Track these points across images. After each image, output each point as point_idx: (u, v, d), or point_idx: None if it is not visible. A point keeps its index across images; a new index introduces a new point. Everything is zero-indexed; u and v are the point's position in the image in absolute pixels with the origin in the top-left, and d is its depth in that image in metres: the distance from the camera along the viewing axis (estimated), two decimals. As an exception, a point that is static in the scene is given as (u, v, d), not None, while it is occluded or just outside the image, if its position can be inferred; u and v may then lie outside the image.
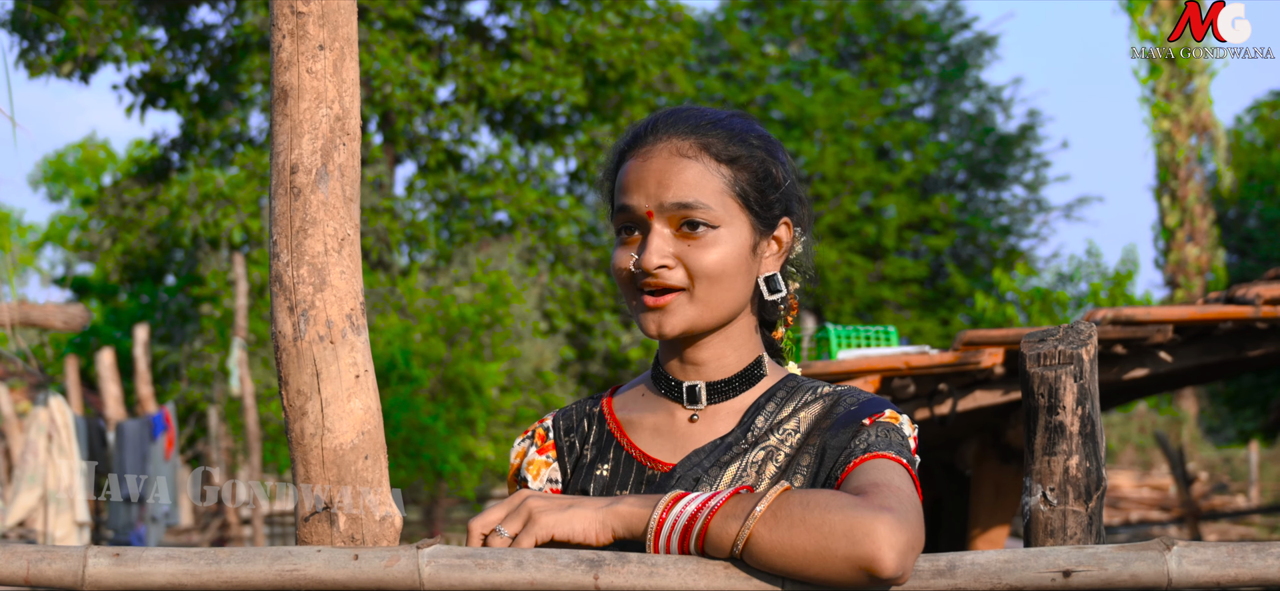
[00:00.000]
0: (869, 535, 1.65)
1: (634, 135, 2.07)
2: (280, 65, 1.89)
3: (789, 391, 2.04)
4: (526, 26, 24.07)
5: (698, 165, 1.99)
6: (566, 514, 1.81)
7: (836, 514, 1.68)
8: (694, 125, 2.03)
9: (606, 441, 2.10)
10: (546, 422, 2.17)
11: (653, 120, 2.06)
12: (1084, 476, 1.84)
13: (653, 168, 2.00)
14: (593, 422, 2.14)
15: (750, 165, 2.02)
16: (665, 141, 2.02)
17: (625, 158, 2.06)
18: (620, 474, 2.06)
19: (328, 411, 1.85)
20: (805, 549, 1.69)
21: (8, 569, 1.80)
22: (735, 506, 1.74)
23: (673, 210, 1.98)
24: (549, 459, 2.13)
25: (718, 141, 2.01)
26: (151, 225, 22.92)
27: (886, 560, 1.65)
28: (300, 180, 1.87)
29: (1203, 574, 1.75)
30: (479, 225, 23.83)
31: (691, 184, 1.98)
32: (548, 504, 1.83)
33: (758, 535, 1.71)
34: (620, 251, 2.03)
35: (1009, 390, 4.86)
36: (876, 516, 1.67)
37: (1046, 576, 1.72)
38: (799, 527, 1.69)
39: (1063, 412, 1.84)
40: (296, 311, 1.85)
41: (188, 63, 24.65)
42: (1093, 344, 1.85)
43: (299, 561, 1.77)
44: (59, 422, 9.49)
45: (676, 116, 2.05)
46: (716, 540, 1.74)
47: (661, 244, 1.98)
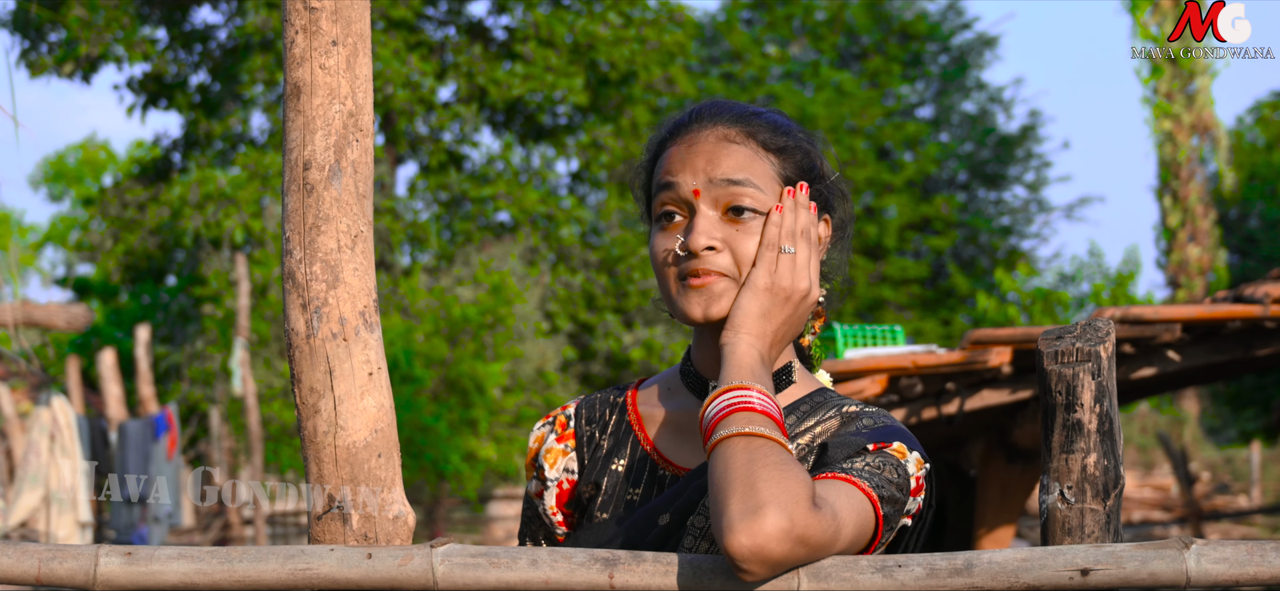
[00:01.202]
0: (753, 513, 1.64)
1: (675, 124, 2.03)
2: (293, 61, 1.88)
3: (814, 405, 1.99)
4: (528, 27, 24.06)
5: (746, 150, 1.96)
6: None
7: (767, 485, 1.66)
8: (739, 114, 1.99)
9: (625, 434, 2.08)
10: (569, 410, 2.14)
11: (696, 109, 2.02)
12: (1102, 474, 1.83)
13: (701, 149, 1.96)
14: (614, 413, 2.11)
15: (795, 155, 1.99)
16: (711, 128, 1.98)
17: (666, 146, 2.02)
18: (634, 471, 2.04)
19: (341, 409, 1.85)
20: (724, 480, 1.69)
21: (20, 568, 1.79)
22: (742, 417, 1.76)
23: (722, 187, 1.93)
24: (567, 448, 2.11)
25: (764, 130, 1.98)
26: (153, 225, 22.91)
27: (736, 542, 1.63)
28: (313, 176, 1.86)
29: (1222, 572, 1.74)
30: (481, 225, 23.83)
31: (741, 164, 1.94)
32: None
33: (722, 446, 1.73)
34: (661, 236, 1.97)
35: (1016, 389, 4.85)
36: (778, 511, 1.64)
37: (1064, 575, 1.71)
38: (746, 466, 1.69)
39: (1081, 410, 1.83)
40: (309, 308, 1.84)
41: (189, 63, 24.64)
42: (1110, 341, 1.84)
43: (312, 560, 1.76)
44: (61, 423, 9.49)
45: (718, 106, 2.01)
46: (715, 428, 1.77)
47: (709, 226, 1.93)
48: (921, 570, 1.73)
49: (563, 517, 2.10)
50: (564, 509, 2.10)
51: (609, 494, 2.04)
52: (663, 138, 2.03)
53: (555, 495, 2.10)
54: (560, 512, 2.10)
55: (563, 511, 2.10)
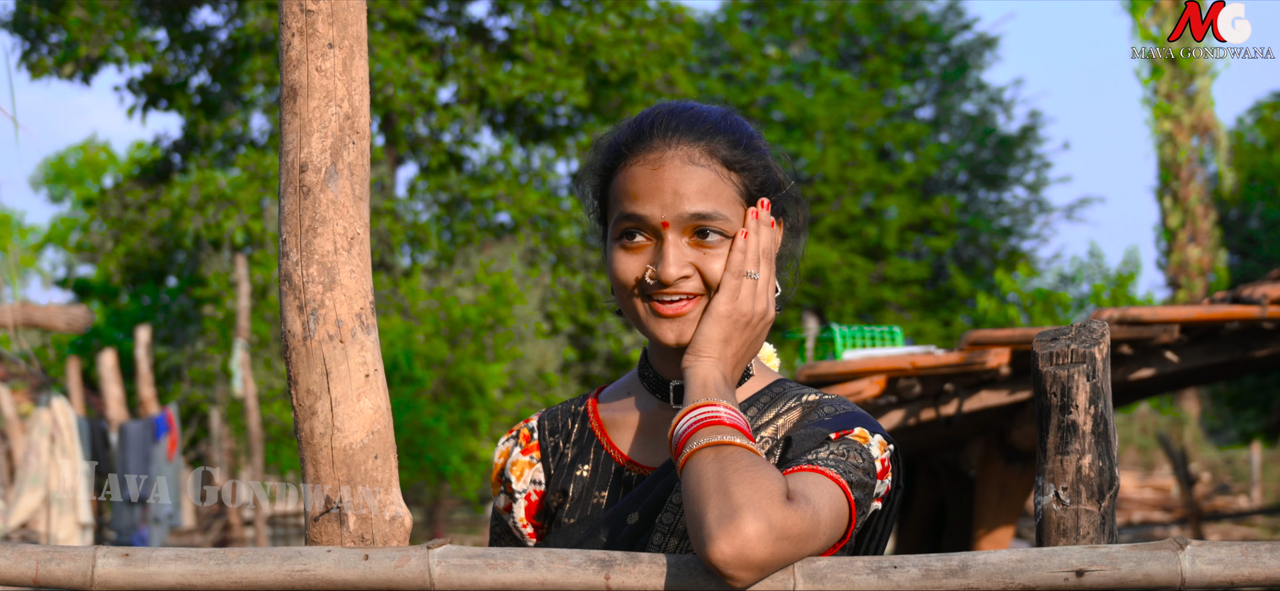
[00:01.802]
0: (729, 519, 1.66)
1: (634, 134, 2.02)
2: (289, 63, 1.88)
3: (773, 397, 2.03)
4: (528, 28, 24.06)
5: (710, 174, 1.97)
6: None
7: (740, 489, 1.68)
8: (700, 131, 2.00)
9: (587, 441, 2.10)
10: (531, 423, 2.17)
11: (651, 120, 2.01)
12: (1097, 476, 1.83)
13: (666, 176, 1.96)
14: (577, 421, 2.13)
15: (756, 171, 2.01)
16: (675, 147, 1.98)
17: (624, 158, 2.01)
18: (599, 475, 2.07)
19: (337, 411, 1.85)
20: (697, 492, 1.72)
21: (17, 569, 1.80)
22: (710, 430, 1.79)
23: (690, 220, 1.95)
24: (533, 459, 2.13)
25: (724, 147, 1.99)
26: (153, 227, 22.91)
27: (717, 551, 1.65)
28: (309, 179, 1.86)
29: (1217, 573, 1.74)
30: (481, 226, 23.83)
31: (705, 193, 1.96)
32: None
33: (693, 459, 1.76)
34: (625, 256, 1.98)
35: (1015, 390, 4.85)
36: (753, 513, 1.66)
37: (1059, 576, 1.71)
38: (717, 475, 1.71)
39: (1075, 411, 1.83)
40: (306, 310, 1.85)
41: (189, 64, 24.65)
42: (1105, 343, 1.85)
43: (309, 561, 1.77)
44: (62, 424, 9.49)
45: (679, 118, 2.01)
46: (684, 444, 1.80)
47: (679, 254, 1.95)
48: (917, 571, 1.74)
49: (533, 529, 2.12)
50: (534, 520, 2.12)
51: (576, 499, 2.07)
52: (619, 147, 2.02)
53: (524, 507, 2.12)
54: (530, 524, 2.12)
55: (532, 523, 2.12)
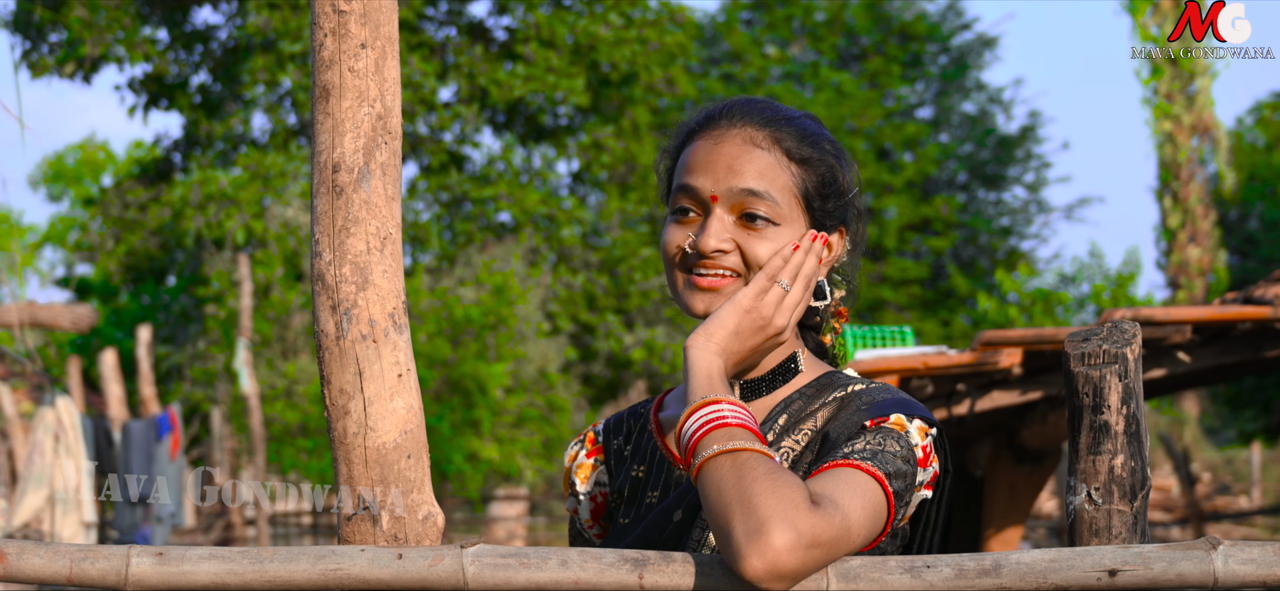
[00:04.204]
0: (757, 533, 1.64)
1: (706, 116, 2.04)
2: (322, 64, 1.88)
3: (819, 388, 2.00)
4: (529, 27, 24.05)
5: (769, 158, 1.97)
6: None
7: (763, 499, 1.66)
8: (769, 118, 2.01)
9: (645, 441, 2.11)
10: (598, 427, 2.19)
11: (728, 104, 2.03)
12: (1129, 476, 1.84)
13: (724, 152, 1.97)
14: (638, 422, 2.15)
15: (819, 168, 2.00)
16: (739, 128, 1.99)
17: (694, 137, 2.03)
18: (653, 474, 2.07)
19: (370, 410, 1.86)
20: (720, 504, 1.69)
21: (51, 568, 1.80)
22: (720, 434, 1.76)
23: (739, 197, 1.95)
24: (596, 462, 2.15)
25: (791, 138, 1.99)
26: (154, 226, 22.90)
27: (749, 567, 1.63)
28: (343, 179, 1.87)
29: (1249, 573, 1.75)
30: (482, 226, 23.83)
31: (761, 174, 1.96)
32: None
33: (708, 468, 1.73)
34: (674, 228, 1.99)
35: (1027, 390, 4.86)
36: (780, 524, 1.64)
37: (1092, 576, 1.72)
38: (737, 485, 1.69)
39: (1108, 412, 1.84)
40: (339, 310, 1.85)
41: (190, 63, 24.63)
42: (1137, 343, 1.85)
43: (343, 561, 1.77)
44: (66, 423, 9.49)
45: (752, 106, 2.02)
46: (696, 449, 1.77)
47: (721, 228, 1.95)
48: (950, 570, 1.74)
49: (599, 530, 2.16)
50: (599, 521, 2.16)
51: (630, 499, 2.08)
52: (691, 128, 2.04)
53: (589, 509, 2.16)
54: (597, 525, 2.16)
55: (599, 524, 2.16)
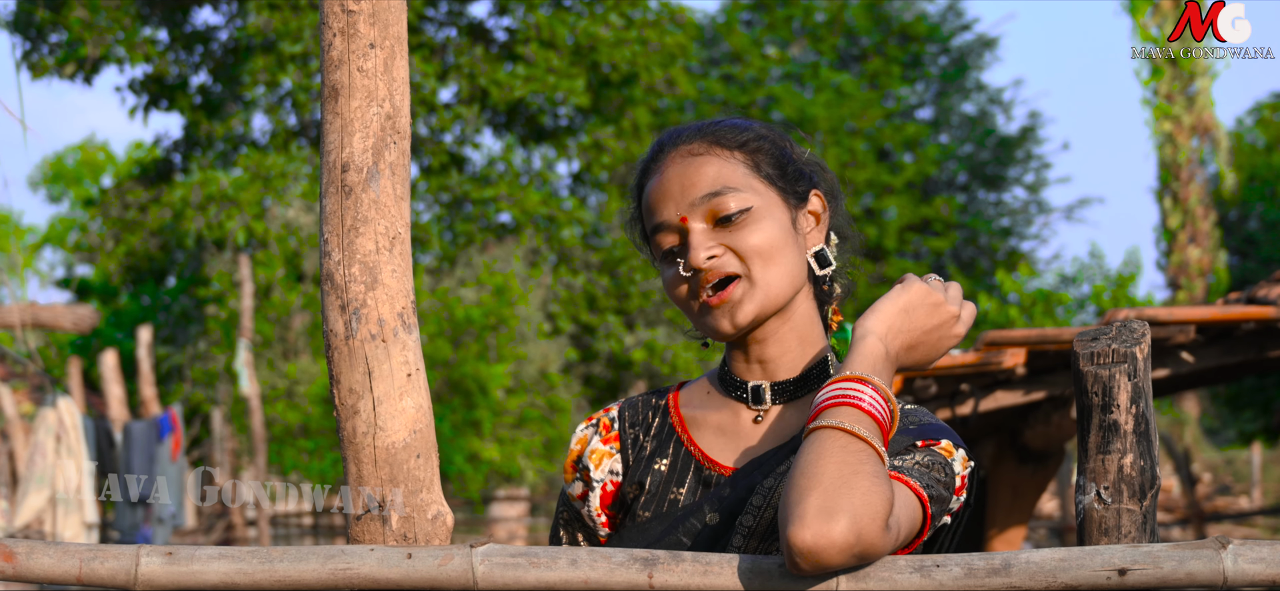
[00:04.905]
0: (827, 516, 1.64)
1: (644, 164, 2.08)
2: (330, 63, 1.89)
3: None
4: (529, 28, 24.06)
5: (713, 158, 2.00)
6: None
7: (851, 493, 1.66)
8: (698, 129, 2.05)
9: (667, 435, 2.09)
10: (612, 412, 2.15)
11: (659, 143, 2.08)
12: (1138, 475, 1.84)
13: (671, 176, 2.00)
14: (657, 415, 2.12)
15: (762, 146, 2.03)
16: (674, 151, 2.03)
17: (643, 187, 2.07)
18: (679, 471, 2.05)
19: (380, 410, 1.86)
20: (814, 470, 1.69)
21: (61, 568, 1.80)
22: (849, 414, 1.76)
23: (704, 203, 1.97)
24: (612, 449, 2.12)
25: (724, 133, 2.03)
26: (154, 227, 22.91)
27: (799, 537, 1.63)
28: (351, 179, 1.87)
29: (1259, 572, 1.75)
30: (482, 227, 23.83)
31: (714, 175, 1.98)
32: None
33: (822, 433, 1.73)
34: (672, 273, 2.01)
35: (1031, 390, 4.86)
36: (850, 523, 1.64)
37: (1102, 575, 1.72)
38: (840, 465, 1.69)
39: (1117, 411, 1.84)
40: (348, 310, 1.86)
41: (190, 64, 24.65)
42: (1146, 342, 1.85)
43: (352, 560, 1.78)
44: (67, 424, 9.49)
45: (679, 131, 2.07)
46: (822, 413, 1.77)
47: (702, 239, 1.97)
48: (959, 570, 1.74)
49: (607, 519, 2.12)
50: (608, 510, 2.12)
51: (652, 493, 2.06)
52: (639, 182, 2.08)
53: (599, 496, 2.12)
54: (604, 514, 2.12)
55: (607, 512, 2.12)
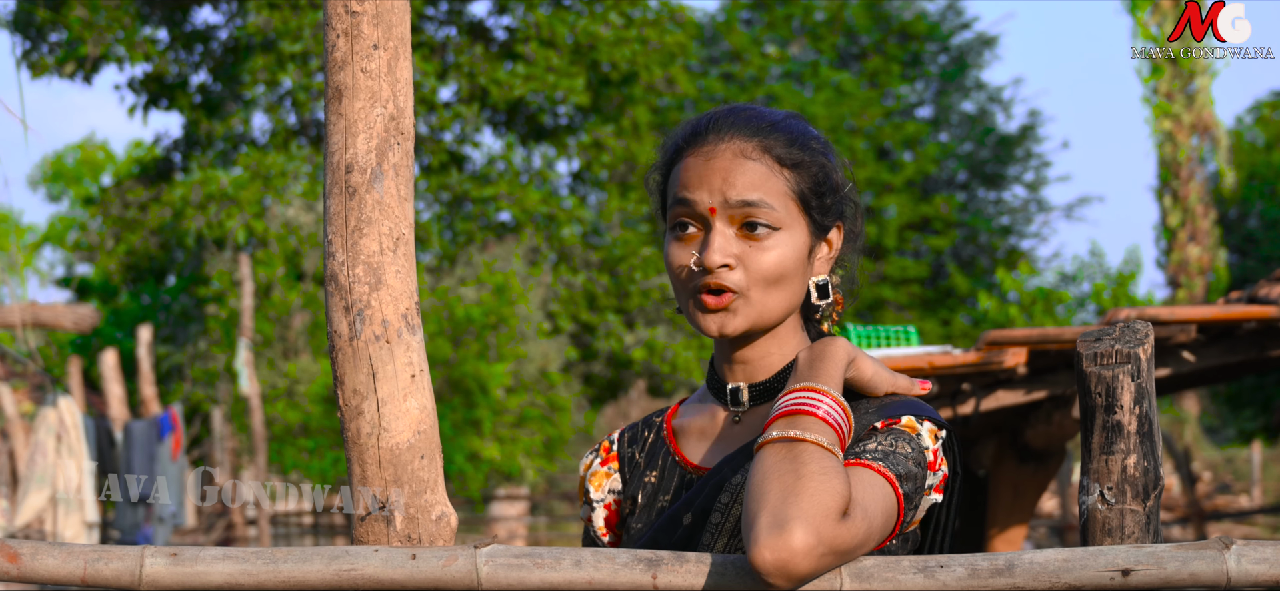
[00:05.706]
0: (779, 528, 1.65)
1: (692, 131, 2.06)
2: (334, 65, 1.89)
3: None
4: (529, 27, 24.05)
5: (761, 167, 1.99)
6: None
7: (798, 499, 1.67)
8: (756, 127, 2.02)
9: (658, 447, 2.13)
10: (613, 436, 2.21)
11: (713, 118, 2.05)
12: (1142, 475, 1.84)
13: (717, 166, 1.99)
14: (652, 431, 2.17)
15: (810, 170, 2.02)
16: (728, 142, 2.01)
17: (683, 153, 2.05)
18: (665, 479, 2.09)
19: (384, 411, 1.86)
20: (760, 488, 1.71)
21: (65, 568, 1.80)
22: (800, 420, 1.79)
23: (737, 208, 1.97)
24: (610, 470, 2.17)
25: (780, 144, 2.01)
26: (154, 226, 22.90)
27: (759, 557, 1.64)
28: (355, 180, 1.87)
29: (1262, 573, 1.75)
30: (482, 226, 23.83)
31: (756, 184, 1.98)
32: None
33: (766, 449, 1.76)
34: (677, 247, 2.01)
35: (1032, 390, 4.86)
36: (804, 527, 1.65)
37: (1105, 575, 1.72)
38: (782, 475, 1.71)
39: (1120, 411, 1.84)
40: (352, 311, 1.86)
41: (190, 63, 24.64)
42: (1150, 343, 1.86)
43: (356, 561, 1.78)
44: (68, 423, 9.50)
45: (737, 116, 2.04)
46: (769, 425, 1.80)
47: (724, 243, 1.97)
48: (963, 570, 1.75)
49: (613, 538, 2.17)
50: (614, 529, 2.17)
51: (643, 504, 2.10)
52: (679, 144, 2.06)
53: (603, 515, 2.17)
54: (610, 533, 2.17)
55: (613, 531, 2.17)
